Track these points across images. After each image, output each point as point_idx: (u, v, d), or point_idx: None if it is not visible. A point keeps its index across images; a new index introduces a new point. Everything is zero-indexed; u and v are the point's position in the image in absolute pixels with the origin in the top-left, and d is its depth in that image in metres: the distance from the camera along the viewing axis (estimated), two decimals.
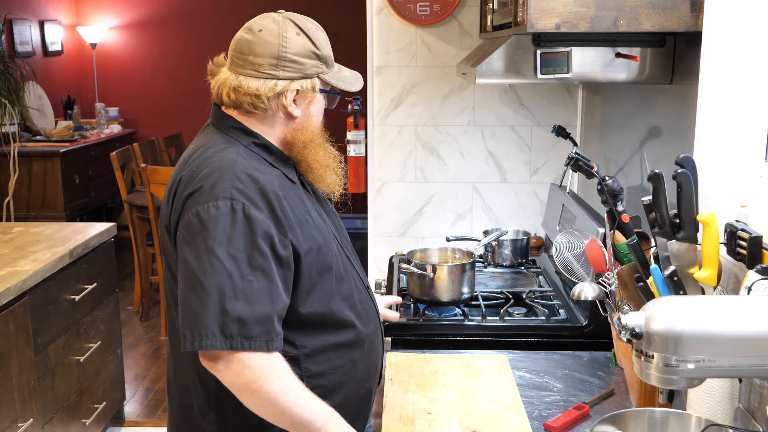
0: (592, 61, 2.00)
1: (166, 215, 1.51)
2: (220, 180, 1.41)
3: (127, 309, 5.05)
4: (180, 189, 1.46)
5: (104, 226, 3.29)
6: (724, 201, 1.57)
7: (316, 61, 1.53)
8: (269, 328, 1.39)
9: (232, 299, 1.37)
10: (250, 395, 1.40)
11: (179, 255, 1.43)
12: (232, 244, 1.38)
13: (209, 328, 1.36)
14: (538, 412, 1.69)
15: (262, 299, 1.39)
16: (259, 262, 1.39)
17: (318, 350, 1.52)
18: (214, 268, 1.37)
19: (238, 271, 1.37)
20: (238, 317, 1.37)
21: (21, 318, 2.57)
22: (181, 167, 1.51)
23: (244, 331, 1.37)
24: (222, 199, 1.39)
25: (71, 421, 2.98)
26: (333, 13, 6.55)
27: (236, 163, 1.45)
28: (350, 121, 3.01)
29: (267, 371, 1.39)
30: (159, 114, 7.18)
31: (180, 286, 1.42)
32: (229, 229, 1.38)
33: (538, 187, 3.07)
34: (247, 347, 1.37)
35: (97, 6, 7.11)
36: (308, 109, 1.55)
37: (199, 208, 1.40)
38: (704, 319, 1.12)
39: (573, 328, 2.12)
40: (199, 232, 1.39)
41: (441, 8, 2.90)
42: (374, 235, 3.13)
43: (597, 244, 1.78)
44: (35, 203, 5.64)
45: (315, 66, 1.53)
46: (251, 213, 1.40)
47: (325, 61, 1.55)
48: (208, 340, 1.36)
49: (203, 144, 1.54)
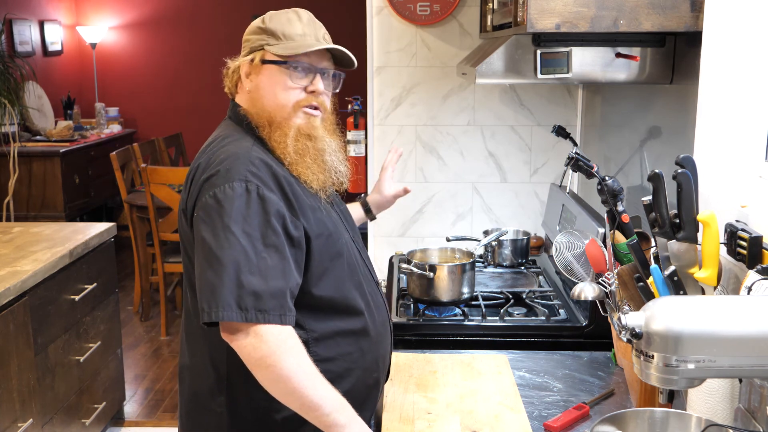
0: (592, 61, 2.00)
1: (183, 200, 1.57)
2: (236, 164, 1.48)
3: (127, 309, 5.05)
4: (198, 174, 1.53)
5: (104, 226, 3.29)
6: (724, 201, 1.57)
7: (260, 34, 1.60)
8: (282, 302, 1.44)
9: (247, 273, 1.42)
10: (265, 370, 1.43)
11: (196, 235, 1.49)
12: (247, 222, 1.44)
13: (226, 300, 1.41)
14: (538, 412, 1.69)
15: (276, 275, 1.44)
16: (273, 240, 1.45)
17: (327, 335, 1.55)
18: (230, 244, 1.42)
19: (252, 248, 1.43)
20: (253, 291, 1.41)
21: (21, 318, 2.57)
22: (200, 155, 1.59)
23: (258, 304, 1.42)
24: (237, 180, 1.46)
25: (71, 421, 2.98)
26: (333, 13, 6.54)
27: (251, 150, 1.52)
28: (350, 121, 3.02)
29: (282, 348, 1.42)
30: (159, 114, 7.18)
31: (197, 264, 1.47)
32: (245, 208, 1.45)
33: (538, 187, 3.07)
34: (262, 320, 1.41)
35: (97, 6, 7.11)
36: (257, 80, 1.60)
37: (216, 190, 1.46)
38: (704, 319, 1.12)
39: (573, 328, 2.12)
40: (216, 211, 1.45)
41: (441, 8, 2.90)
42: (374, 235, 3.13)
43: (597, 244, 1.78)
44: (35, 203, 5.64)
45: (259, 39, 1.60)
46: (265, 194, 1.46)
47: (271, 34, 1.59)
48: (225, 312, 1.41)
49: (220, 135, 1.61)
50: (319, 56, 1.61)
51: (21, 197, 5.57)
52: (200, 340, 1.58)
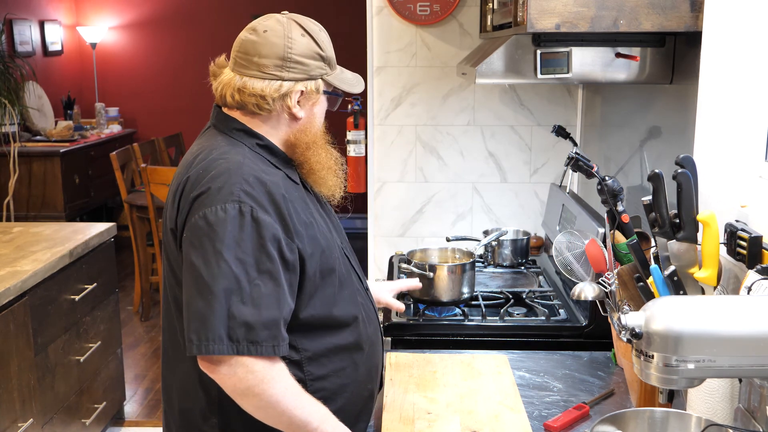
0: (592, 61, 2.00)
1: (171, 217, 1.49)
2: (228, 182, 1.40)
3: (127, 309, 5.05)
4: (186, 190, 1.45)
5: (104, 226, 3.29)
6: (724, 201, 1.57)
7: (320, 62, 1.53)
8: (276, 333, 1.39)
9: (239, 303, 1.36)
10: (252, 399, 1.40)
11: (185, 258, 1.42)
12: (240, 248, 1.37)
13: (216, 332, 1.35)
14: (538, 412, 1.69)
15: (270, 304, 1.39)
16: (267, 266, 1.39)
17: (320, 353, 1.52)
18: (222, 272, 1.36)
19: (245, 275, 1.37)
20: (244, 321, 1.36)
21: (21, 318, 2.57)
22: (186, 169, 1.50)
23: (250, 335, 1.37)
24: (230, 201, 1.38)
25: (71, 421, 2.98)
26: (333, 13, 6.54)
27: (243, 165, 1.44)
28: (350, 121, 3.01)
29: (270, 375, 1.39)
30: (159, 114, 7.18)
31: (186, 290, 1.41)
32: (238, 232, 1.38)
33: (538, 187, 3.07)
34: (254, 352, 1.37)
35: (97, 6, 7.10)
36: (312, 110, 1.55)
37: (207, 211, 1.39)
38: (704, 319, 1.12)
39: (573, 328, 2.13)
40: (207, 235, 1.38)
41: (441, 8, 2.90)
42: (374, 235, 3.13)
43: (597, 244, 1.78)
44: (35, 203, 5.64)
45: (319, 67, 1.53)
46: (259, 216, 1.39)
47: (328, 63, 1.55)
48: (215, 345, 1.36)
49: (207, 146, 1.52)
50: None
51: (21, 197, 5.57)
52: (188, 360, 1.48)
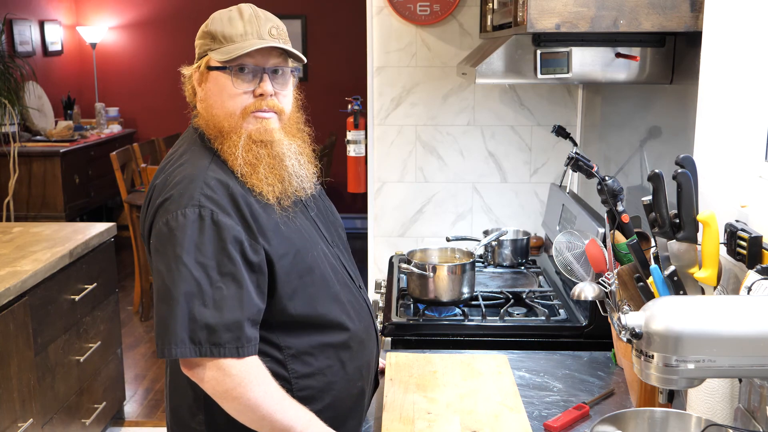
0: (592, 61, 2.00)
1: (141, 224, 1.52)
2: (189, 187, 1.41)
3: (127, 309, 5.05)
4: (153, 197, 1.46)
5: (104, 226, 3.29)
6: (724, 201, 1.57)
7: (204, 39, 1.52)
8: (239, 334, 1.39)
9: (200, 306, 1.37)
10: (231, 402, 1.41)
11: (152, 264, 1.44)
12: (201, 252, 1.38)
13: (178, 335, 1.37)
14: (538, 412, 1.69)
15: (232, 306, 1.39)
16: (229, 269, 1.39)
17: (304, 351, 1.51)
18: (182, 276, 1.37)
19: (206, 279, 1.38)
20: (206, 324, 1.37)
21: (21, 318, 2.57)
22: (157, 175, 1.52)
23: (212, 338, 1.37)
24: (190, 206, 1.39)
25: (71, 421, 2.98)
26: (333, 13, 6.54)
27: (207, 169, 1.44)
28: (350, 121, 3.01)
29: (247, 378, 1.40)
30: (159, 114, 7.18)
31: (154, 295, 1.43)
32: (197, 236, 1.38)
33: (538, 187, 3.07)
34: (216, 354, 1.38)
35: (97, 6, 7.11)
36: (206, 88, 1.52)
37: (168, 217, 1.40)
38: (704, 319, 1.12)
39: (573, 328, 2.13)
40: (169, 240, 1.39)
41: (441, 8, 2.91)
42: (374, 235, 3.13)
43: (597, 244, 1.78)
44: (35, 203, 5.64)
45: (204, 45, 1.52)
46: (219, 219, 1.39)
47: (212, 37, 1.49)
48: (177, 348, 1.37)
49: (177, 151, 1.54)
50: (265, 54, 1.47)
51: (21, 197, 5.57)
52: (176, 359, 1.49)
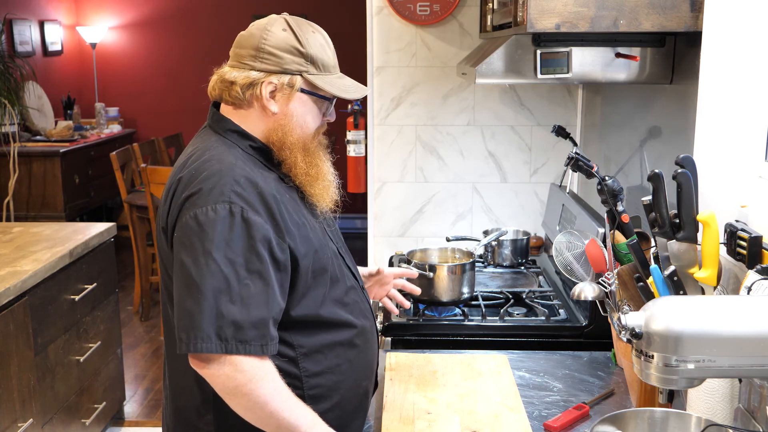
0: (592, 61, 2.00)
1: (163, 217, 1.50)
2: (219, 183, 1.41)
3: (127, 309, 5.05)
4: (179, 191, 1.45)
5: (104, 226, 3.29)
6: (724, 201, 1.57)
7: (299, 58, 1.50)
8: (264, 332, 1.40)
9: (228, 303, 1.37)
10: (240, 398, 1.41)
11: (176, 257, 1.43)
12: (230, 248, 1.38)
13: (205, 330, 1.36)
14: (538, 412, 1.69)
15: (259, 303, 1.39)
16: (257, 266, 1.39)
17: (315, 349, 1.52)
18: (211, 272, 1.37)
19: (235, 275, 1.38)
20: (233, 320, 1.37)
21: (21, 318, 2.57)
22: (180, 169, 1.50)
23: (239, 334, 1.37)
24: (221, 202, 1.39)
25: (71, 421, 2.98)
26: (333, 13, 6.54)
27: (235, 167, 1.44)
28: (350, 121, 3.01)
29: (258, 375, 1.40)
30: (159, 114, 7.18)
31: (176, 289, 1.42)
32: (227, 232, 1.38)
33: (538, 187, 3.07)
34: (242, 351, 1.38)
35: (97, 6, 7.11)
36: (287, 107, 1.51)
37: (197, 211, 1.39)
38: (704, 319, 1.12)
39: (573, 328, 2.13)
40: (197, 235, 1.39)
41: (441, 8, 2.90)
42: (374, 235, 3.13)
43: (597, 244, 1.78)
44: (35, 203, 5.64)
45: (296, 63, 1.50)
46: (250, 217, 1.40)
47: (312, 61, 1.51)
48: (204, 343, 1.36)
49: (201, 146, 1.53)
50: None
51: (21, 197, 5.57)
52: (182, 358, 1.48)
